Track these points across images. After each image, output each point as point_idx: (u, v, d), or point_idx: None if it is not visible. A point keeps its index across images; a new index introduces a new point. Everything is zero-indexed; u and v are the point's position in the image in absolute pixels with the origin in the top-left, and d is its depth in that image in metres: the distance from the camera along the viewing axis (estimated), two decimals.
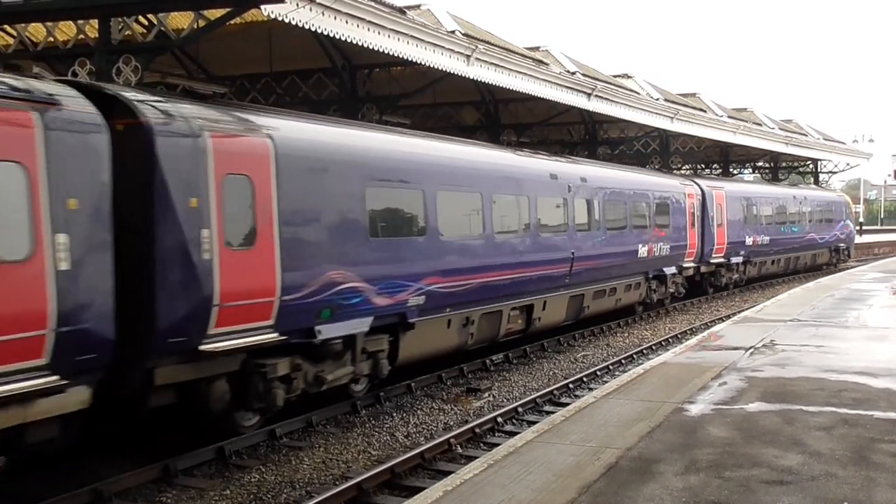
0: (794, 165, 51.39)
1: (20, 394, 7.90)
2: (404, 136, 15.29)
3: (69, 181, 8.49)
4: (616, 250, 21.64)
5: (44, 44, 14.17)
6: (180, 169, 9.87)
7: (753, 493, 6.93)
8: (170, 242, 9.74)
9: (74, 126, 8.66)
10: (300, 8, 12.72)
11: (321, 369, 12.12)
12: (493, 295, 16.21)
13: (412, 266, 13.77)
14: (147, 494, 9.84)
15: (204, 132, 10.24)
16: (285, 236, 11.14)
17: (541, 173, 18.73)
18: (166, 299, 9.70)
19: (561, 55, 26.57)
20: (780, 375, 11.67)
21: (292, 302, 11.19)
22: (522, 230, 17.41)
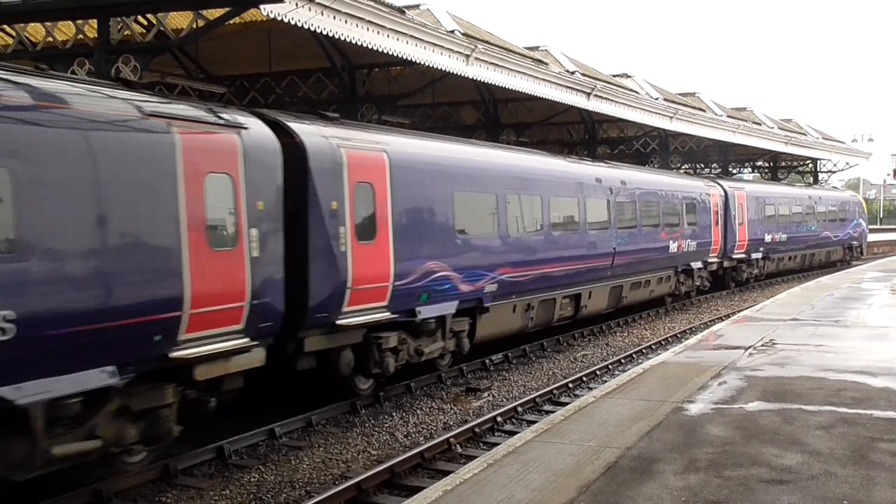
0: (793, 165, 51.41)
1: (227, 350, 10.26)
2: (481, 148, 17.83)
3: (257, 187, 10.78)
4: (650, 246, 23.90)
5: (43, 44, 14.16)
6: (325, 178, 12.16)
7: (753, 493, 6.93)
8: (318, 237, 12.02)
9: (258, 145, 10.94)
10: (299, 8, 12.73)
11: (420, 344, 14.39)
12: (549, 284, 18.50)
13: (488, 258, 16.11)
14: (147, 494, 9.84)
15: (340, 148, 12.58)
16: (397, 233, 13.49)
17: (588, 177, 20.94)
18: (316, 283, 11.94)
19: (560, 55, 26.58)
20: (779, 375, 11.67)
21: (401, 287, 13.58)
22: (573, 228, 19.75)
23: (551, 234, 18.50)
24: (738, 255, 31.64)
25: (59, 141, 8.39)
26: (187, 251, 9.70)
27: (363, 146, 13.16)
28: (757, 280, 34.19)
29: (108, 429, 9.04)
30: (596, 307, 21.33)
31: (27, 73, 8.88)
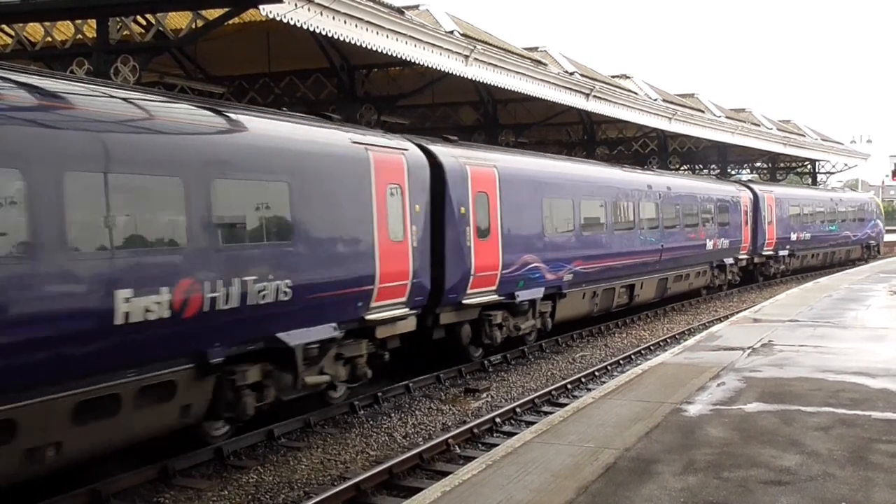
0: (792, 166, 51.48)
1: (395, 317, 13.61)
2: (562, 162, 21.77)
3: (415, 195, 14.12)
4: (690, 244, 27.24)
5: (42, 44, 14.16)
6: (456, 189, 15.40)
7: (752, 494, 6.92)
8: (452, 234, 15.25)
9: (415, 163, 14.34)
10: (298, 8, 12.73)
11: (517, 322, 17.77)
12: (611, 276, 21.72)
13: (567, 253, 19.35)
14: (145, 495, 9.83)
15: (466, 166, 15.84)
16: (504, 232, 16.77)
17: (641, 184, 24.29)
18: (450, 270, 15.14)
19: (559, 55, 26.60)
20: (778, 376, 11.66)
21: (506, 275, 16.87)
22: (630, 228, 23.00)
23: (613, 233, 21.86)
24: (766, 252, 34.38)
25: (311, 163, 11.90)
26: (378, 241, 13.07)
27: (480, 163, 16.44)
28: (783, 275, 36.70)
29: (330, 369, 12.40)
30: (646, 296, 24.50)
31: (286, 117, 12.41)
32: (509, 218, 16.92)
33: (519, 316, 17.71)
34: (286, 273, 10.99)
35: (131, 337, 8.98)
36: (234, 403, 10.73)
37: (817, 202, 41.19)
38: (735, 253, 31.36)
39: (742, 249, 32.05)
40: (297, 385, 11.51)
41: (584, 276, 20.07)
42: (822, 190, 47.66)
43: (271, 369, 11.24)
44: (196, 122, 10.50)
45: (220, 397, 10.53)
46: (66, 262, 8.36)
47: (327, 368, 12.32)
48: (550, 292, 18.74)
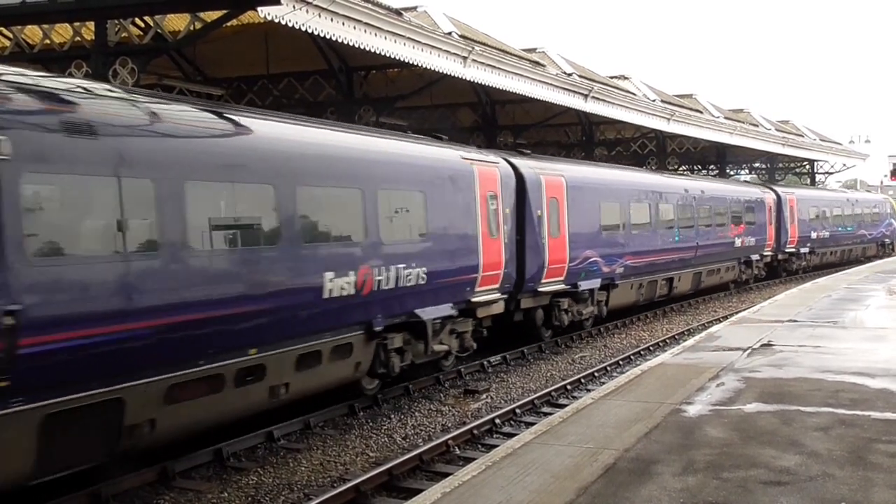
0: (790, 166, 51.50)
1: (491, 300, 16.62)
2: (615, 169, 25.10)
3: (506, 201, 17.18)
4: (721, 241, 30.21)
5: (40, 46, 14.16)
6: (534, 195, 18.30)
7: (751, 494, 6.92)
8: (531, 233, 18.15)
9: (504, 174, 17.34)
10: (296, 10, 12.72)
11: (579, 308, 20.71)
12: (654, 270, 24.68)
13: (619, 249, 22.33)
14: (145, 497, 9.83)
15: (540, 176, 18.75)
16: (570, 231, 19.72)
17: (679, 188, 27.44)
18: (529, 263, 18.10)
19: (557, 56, 26.60)
20: (777, 376, 11.66)
21: (572, 267, 19.87)
22: (671, 227, 25.97)
23: (657, 232, 24.85)
24: (789, 249, 37.41)
25: (437, 176, 15.10)
26: (481, 238, 16.08)
27: (551, 173, 19.43)
28: (804, 271, 39.04)
29: (447, 340, 15.48)
30: (683, 288, 27.37)
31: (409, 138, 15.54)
32: (574, 219, 20.00)
33: (581, 303, 20.83)
34: (423, 262, 14.19)
35: (331, 308, 12.10)
36: (386, 363, 13.75)
37: (835, 203, 43.88)
38: (761, 250, 34.31)
39: (767, 247, 34.97)
40: (427, 351, 14.72)
41: (633, 269, 23.17)
42: (839, 191, 50.96)
43: (409, 338, 14.31)
44: (365, 147, 13.67)
45: (377, 358, 13.59)
46: (303, 250, 11.63)
47: (444, 340, 15.42)
48: (605, 283, 21.77)
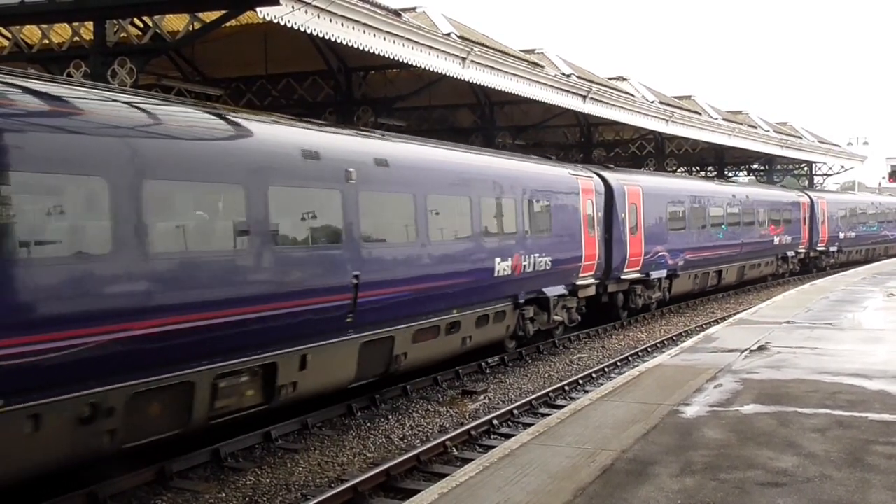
0: (788, 168, 51.53)
1: (587, 284, 20.84)
2: (677, 178, 32.48)
3: (598, 206, 21.26)
4: (762, 239, 34.80)
5: (39, 46, 14.15)
6: (619, 201, 22.64)
7: (749, 495, 6.93)
8: (616, 232, 22.46)
9: (597, 184, 21.65)
10: (295, 10, 12.72)
11: (649, 293, 25.26)
12: (707, 263, 29.22)
13: (681, 245, 26.76)
14: (142, 497, 9.82)
15: (624, 186, 23.22)
16: (645, 230, 24.09)
17: (728, 193, 32.32)
18: (615, 256, 22.37)
19: (556, 57, 26.61)
20: (774, 377, 11.67)
21: (646, 260, 24.23)
22: (719, 226, 30.32)
23: (709, 230, 29.36)
24: (820, 248, 42.15)
25: (557, 187, 19.63)
26: (583, 235, 20.43)
27: (632, 183, 23.99)
28: (832, 267, 42.39)
29: (559, 313, 19.86)
30: (729, 280, 31.86)
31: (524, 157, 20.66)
32: (648, 220, 24.39)
33: (651, 289, 25.33)
34: (548, 253, 18.63)
35: (497, 283, 16.62)
36: (523, 328, 18.37)
37: (860, 206, 49.15)
38: (796, 247, 39.12)
39: (801, 245, 39.79)
40: (549, 321, 19.40)
41: (691, 262, 27.62)
42: (864, 195, 57.99)
43: (537, 310, 18.83)
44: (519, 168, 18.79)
45: (518, 323, 18.13)
46: (482, 241, 16.18)
47: (558, 313, 19.93)
48: (670, 273, 26.18)
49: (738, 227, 31.98)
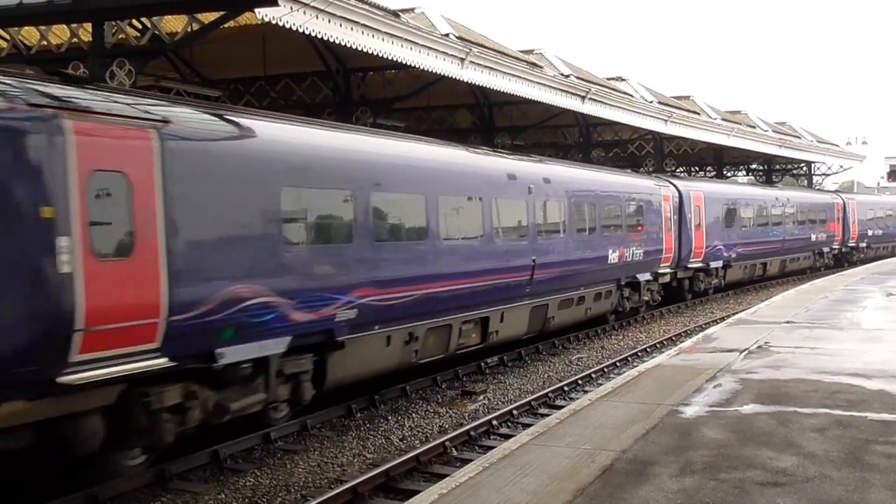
0: (787, 168, 51.53)
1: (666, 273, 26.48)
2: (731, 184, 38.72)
3: (673, 208, 26.48)
4: (801, 236, 39.84)
5: (37, 47, 14.14)
6: (687, 205, 27.44)
7: (748, 495, 6.93)
8: (684, 230, 27.09)
9: (672, 192, 26.80)
10: (294, 11, 12.71)
11: (709, 279, 30.23)
12: (754, 256, 34.11)
13: (733, 241, 31.59)
14: (142, 499, 9.82)
15: (690, 192, 28.01)
16: (706, 228, 28.92)
17: (772, 196, 37.51)
18: (683, 248, 27.15)
19: (555, 58, 26.60)
20: (774, 377, 11.68)
21: (707, 252, 29.16)
22: (765, 224, 35.59)
23: (757, 228, 34.54)
24: (851, 244, 46.96)
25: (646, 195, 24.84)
26: (664, 233, 25.21)
27: (695, 189, 29.01)
28: (861, 262, 45.83)
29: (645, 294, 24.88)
30: (772, 271, 37.12)
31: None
32: (708, 219, 29.22)
33: (710, 276, 30.19)
34: (642, 246, 23.70)
35: (609, 268, 21.70)
36: (622, 304, 23.43)
37: (887, 206, 54.33)
38: (830, 244, 43.89)
39: (835, 241, 44.52)
40: (639, 300, 24.50)
41: (741, 255, 32.42)
42: (889, 195, 63.63)
43: (631, 291, 23.84)
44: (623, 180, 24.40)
45: (618, 300, 23.29)
46: (602, 236, 21.24)
47: (645, 294, 24.84)
48: (724, 264, 30.85)
49: (781, 225, 37.19)
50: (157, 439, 9.78)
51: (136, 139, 9.25)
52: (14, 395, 8.35)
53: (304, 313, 11.43)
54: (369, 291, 12.74)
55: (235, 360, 10.40)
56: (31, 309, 8.26)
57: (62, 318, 8.37)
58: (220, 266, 10.18)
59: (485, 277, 16.02)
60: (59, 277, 8.30)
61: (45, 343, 8.32)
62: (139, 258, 9.16)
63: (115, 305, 8.84)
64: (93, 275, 8.59)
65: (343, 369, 12.63)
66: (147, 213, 9.23)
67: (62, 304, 8.36)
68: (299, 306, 11.33)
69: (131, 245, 9.12)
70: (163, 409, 9.69)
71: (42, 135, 8.41)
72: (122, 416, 9.45)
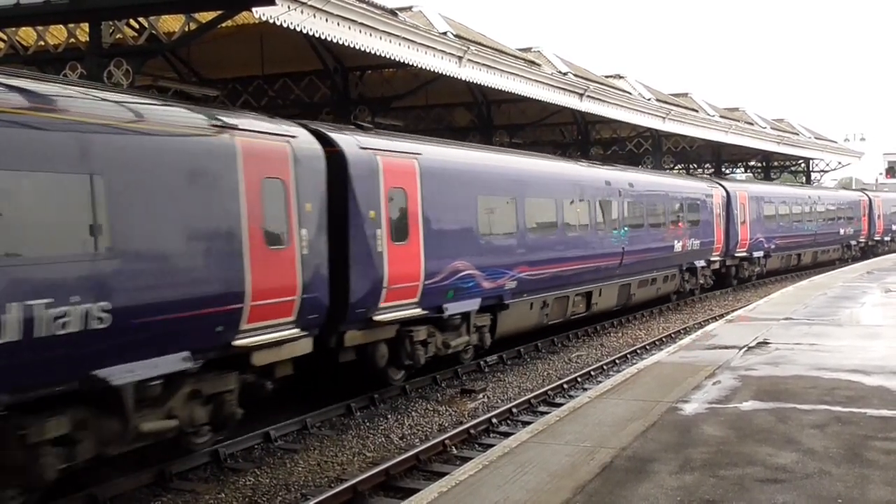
0: (785, 165, 51.57)
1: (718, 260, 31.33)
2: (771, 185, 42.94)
3: (722, 206, 30.71)
4: (831, 231, 44.20)
5: (34, 48, 14.14)
6: (733, 203, 31.73)
7: (748, 492, 6.94)
8: (732, 224, 31.67)
9: (722, 193, 31.22)
10: (291, 10, 12.71)
11: (752, 268, 34.41)
12: (790, 248, 38.53)
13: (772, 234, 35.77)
14: (142, 499, 9.82)
15: (736, 191, 32.61)
16: (749, 223, 33.21)
17: (805, 195, 41.36)
18: (731, 240, 31.71)
19: (553, 56, 26.60)
20: (773, 374, 11.68)
21: (750, 244, 33.46)
22: (800, 221, 39.68)
23: (792, 223, 38.57)
24: (876, 238, 51.39)
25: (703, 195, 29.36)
26: (716, 226, 29.75)
27: (741, 189, 33.33)
28: (885, 253, 49.07)
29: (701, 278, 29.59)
30: (805, 261, 40.95)
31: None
32: (751, 216, 33.36)
33: (753, 265, 34.39)
34: (698, 238, 27.82)
35: (674, 255, 26.34)
36: (682, 286, 27.47)
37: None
38: (857, 237, 48.53)
39: (861, 235, 49.06)
40: (695, 282, 28.56)
41: (779, 246, 36.61)
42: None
43: (689, 276, 28.14)
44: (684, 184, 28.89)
45: (680, 283, 27.18)
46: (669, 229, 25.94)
47: (700, 278, 29.17)
48: (765, 254, 35.22)
49: (813, 221, 41.35)
50: (416, 361, 14.51)
51: (409, 166, 14.15)
52: (355, 327, 13.10)
53: (488, 283, 16.25)
54: (524, 269, 17.57)
55: (454, 313, 15.17)
56: (367, 274, 13.02)
57: (379, 280, 13.23)
58: (447, 248, 14.91)
59: (590, 261, 20.91)
60: (379, 255, 13.20)
61: (372, 294, 13.11)
62: (411, 243, 14.05)
63: (400, 273, 13.64)
64: (392, 253, 13.44)
65: (505, 325, 17.28)
66: (413, 214, 14.10)
67: (379, 272, 13.22)
68: (486, 278, 16.15)
69: (407, 234, 13.96)
70: (418, 342, 14.38)
71: (369, 167, 13.18)
72: (395, 346, 14.07)
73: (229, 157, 10.33)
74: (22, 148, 7.96)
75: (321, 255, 11.87)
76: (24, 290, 7.77)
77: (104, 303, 8.45)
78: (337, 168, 12.44)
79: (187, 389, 9.93)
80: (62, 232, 8.29)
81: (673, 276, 27.00)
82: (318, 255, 11.80)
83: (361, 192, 12.89)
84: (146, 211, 9.09)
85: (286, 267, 11.15)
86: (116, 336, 8.66)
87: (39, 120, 8.17)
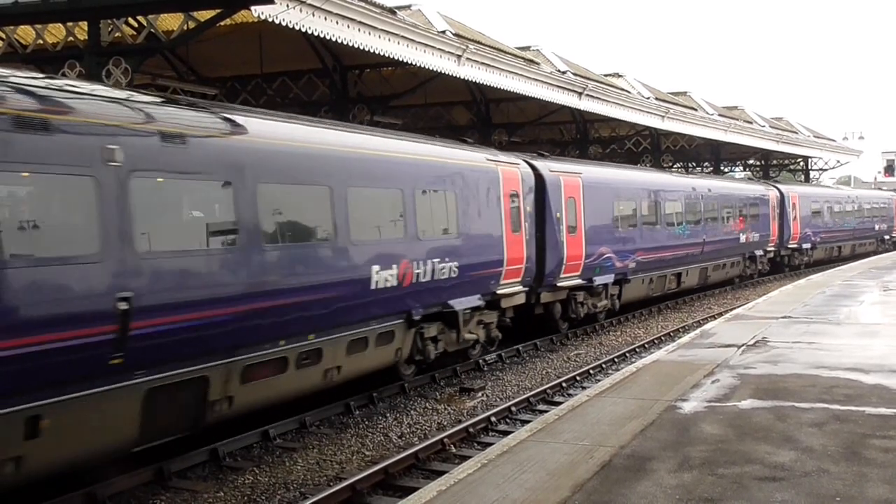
0: (784, 163, 51.62)
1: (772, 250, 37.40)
2: (815, 188, 48.03)
3: (777, 207, 37.16)
4: (867, 226, 49.94)
5: (33, 46, 14.14)
6: (786, 202, 37.96)
7: (746, 490, 6.94)
8: (786, 220, 38.02)
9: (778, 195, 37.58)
10: (290, 9, 12.71)
11: (801, 258, 39.96)
12: (832, 241, 43.70)
13: (818, 229, 41.70)
14: (141, 497, 9.82)
15: (788, 193, 38.68)
16: (800, 219, 39.49)
17: (844, 196, 47.20)
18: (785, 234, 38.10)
19: (552, 54, 26.61)
20: (772, 372, 11.68)
21: (801, 236, 39.69)
22: (840, 217, 44.98)
23: (834, 220, 44.08)
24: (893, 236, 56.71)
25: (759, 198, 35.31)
26: (772, 221, 36.13)
27: (793, 191, 39.19)
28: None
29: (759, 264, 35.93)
30: (845, 253, 45.29)
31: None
32: (801, 213, 38.86)
33: (802, 255, 39.08)
34: (758, 231, 34.26)
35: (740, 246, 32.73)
36: (745, 271, 33.98)
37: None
38: (890, 232, 54.71)
39: (893, 231, 55.40)
40: (755, 269, 34.53)
41: (824, 240, 42.04)
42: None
43: (750, 262, 33.85)
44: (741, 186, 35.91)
45: (742, 269, 33.70)
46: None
47: (759, 265, 34.65)
48: (812, 244, 40.02)
49: (852, 217, 47.44)
50: (577, 315, 20.92)
51: (577, 182, 20.23)
52: (546, 289, 19.32)
53: (619, 263, 22.28)
54: (641, 254, 23.60)
55: (599, 283, 21.29)
56: (554, 255, 19.07)
57: (561, 259, 19.33)
58: (597, 238, 20.94)
59: (683, 249, 26.89)
60: (561, 242, 19.26)
61: (557, 268, 19.27)
62: (577, 234, 19.99)
63: (572, 255, 19.68)
64: (568, 241, 19.52)
65: (627, 294, 23.32)
66: (579, 214, 20.09)
67: (561, 253, 19.34)
68: (618, 259, 22.16)
69: (576, 228, 19.97)
70: (579, 303, 20.79)
71: (556, 184, 19.34)
72: (565, 306, 20.59)
73: (495, 180, 16.83)
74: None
75: (533, 240, 18.12)
76: (431, 255, 14.31)
77: (455, 262, 14.91)
78: (538, 185, 18.71)
79: (477, 317, 16.26)
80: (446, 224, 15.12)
81: (738, 263, 33.09)
82: (532, 240, 18.05)
83: (552, 201, 19.03)
84: (469, 211, 15.72)
85: (520, 246, 17.45)
86: (457, 282, 15.03)
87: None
